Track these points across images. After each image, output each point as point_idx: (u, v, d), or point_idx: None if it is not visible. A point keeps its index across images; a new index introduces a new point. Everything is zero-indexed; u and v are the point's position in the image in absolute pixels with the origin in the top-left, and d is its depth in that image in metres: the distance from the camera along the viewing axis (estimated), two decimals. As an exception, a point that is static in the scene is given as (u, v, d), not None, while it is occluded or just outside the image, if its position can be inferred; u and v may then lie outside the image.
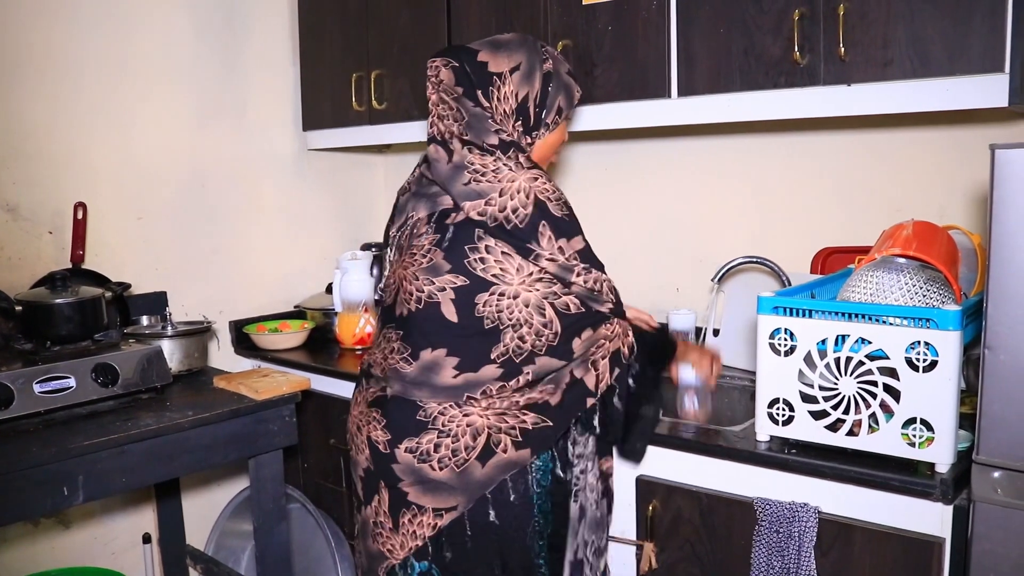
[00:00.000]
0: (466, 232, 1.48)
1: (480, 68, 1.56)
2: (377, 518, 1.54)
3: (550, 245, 1.47)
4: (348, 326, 2.57)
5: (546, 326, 1.48)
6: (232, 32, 2.64)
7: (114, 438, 1.72)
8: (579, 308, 1.51)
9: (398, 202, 1.66)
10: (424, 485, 1.48)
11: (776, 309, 1.56)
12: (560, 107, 1.63)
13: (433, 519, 1.49)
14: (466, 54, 1.58)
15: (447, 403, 1.49)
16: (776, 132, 2.20)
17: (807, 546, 1.48)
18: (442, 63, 1.58)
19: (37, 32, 2.23)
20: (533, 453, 1.52)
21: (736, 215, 2.30)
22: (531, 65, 1.59)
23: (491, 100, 1.56)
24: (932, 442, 1.41)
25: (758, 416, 1.60)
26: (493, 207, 1.46)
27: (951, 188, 1.95)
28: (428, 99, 1.60)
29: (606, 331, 1.56)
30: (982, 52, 1.52)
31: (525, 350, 1.48)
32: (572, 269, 1.49)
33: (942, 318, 1.39)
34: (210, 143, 2.62)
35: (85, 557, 2.39)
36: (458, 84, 1.56)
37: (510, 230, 1.46)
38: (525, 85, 1.58)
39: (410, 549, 1.50)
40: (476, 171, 1.49)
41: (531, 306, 1.47)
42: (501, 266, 1.47)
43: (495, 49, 1.58)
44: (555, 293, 1.49)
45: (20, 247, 2.24)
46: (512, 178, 1.48)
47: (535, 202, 1.47)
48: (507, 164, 1.50)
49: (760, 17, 1.77)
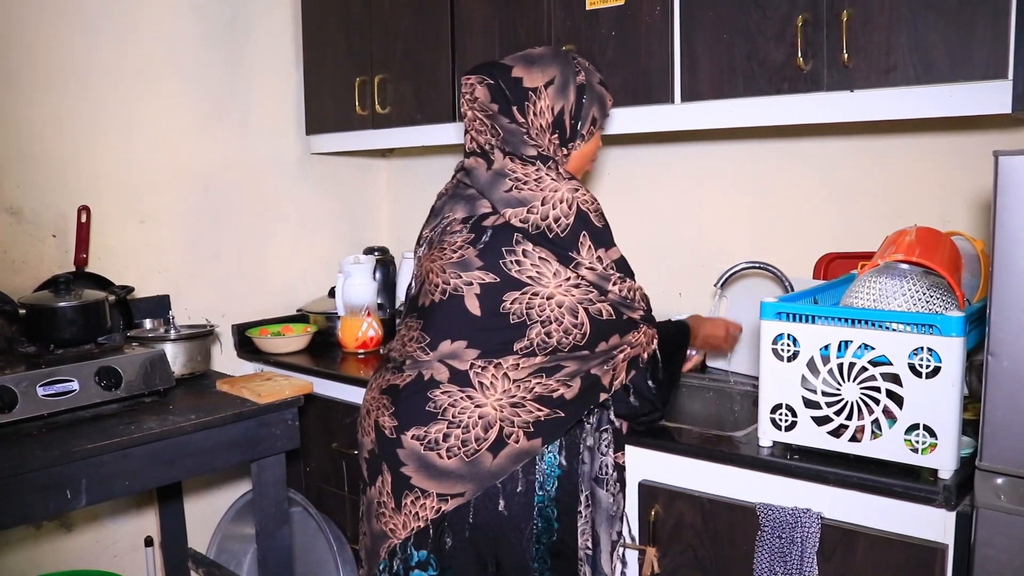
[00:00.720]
0: (504, 235, 1.51)
1: (515, 84, 1.58)
2: (380, 498, 1.55)
3: (590, 255, 1.50)
4: (351, 330, 2.57)
5: (576, 327, 1.51)
6: (236, 36, 2.65)
7: (117, 441, 1.73)
8: (611, 315, 1.54)
9: (435, 206, 1.69)
10: (428, 471, 1.49)
11: (779, 314, 1.56)
12: (594, 117, 1.65)
13: (437, 503, 1.49)
14: (500, 70, 1.60)
15: (459, 394, 1.49)
16: (779, 138, 2.20)
17: (810, 552, 1.48)
18: (476, 80, 1.60)
19: (41, 36, 2.24)
20: (544, 443, 1.53)
21: (739, 220, 2.30)
22: (565, 78, 1.60)
23: (527, 115, 1.58)
24: (935, 448, 1.41)
25: (761, 421, 1.60)
26: (535, 215, 1.49)
27: (954, 194, 1.95)
28: (463, 115, 1.62)
29: (632, 338, 1.59)
30: (985, 59, 1.52)
31: (550, 344, 1.50)
32: (609, 278, 1.52)
33: (945, 324, 1.39)
34: (213, 147, 2.62)
35: (87, 560, 2.39)
36: (493, 101, 1.58)
37: (552, 238, 1.49)
38: (560, 99, 1.60)
39: (412, 529, 1.51)
40: (518, 179, 1.52)
41: (564, 307, 1.50)
42: (538, 269, 1.49)
43: (529, 64, 1.60)
44: (591, 300, 1.51)
45: (24, 250, 2.25)
46: (555, 188, 1.51)
47: (577, 212, 1.50)
48: (548, 174, 1.53)
49: (763, 23, 1.77)
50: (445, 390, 1.50)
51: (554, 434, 1.54)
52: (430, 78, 2.39)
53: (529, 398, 1.50)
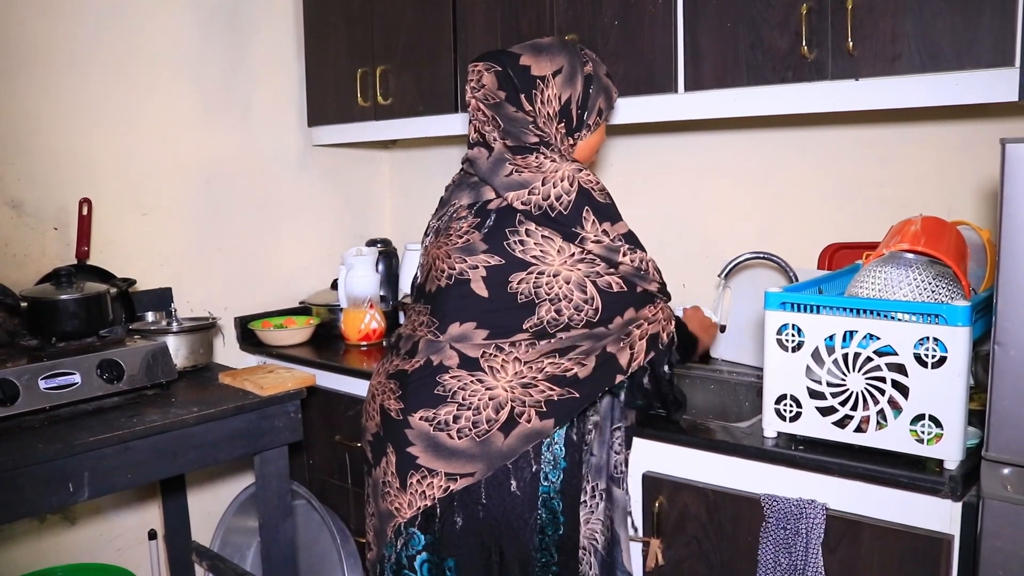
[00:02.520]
0: (508, 217, 1.50)
1: (523, 72, 1.58)
2: (385, 478, 1.55)
3: (594, 228, 1.49)
4: (353, 322, 2.57)
5: (587, 302, 1.49)
6: (237, 28, 2.64)
7: (119, 434, 1.72)
8: (622, 287, 1.52)
9: (443, 197, 1.69)
10: (437, 451, 1.49)
11: (784, 305, 1.55)
12: (600, 108, 1.66)
13: (446, 482, 1.49)
14: (508, 58, 1.60)
15: (469, 377, 1.49)
16: (783, 127, 2.18)
17: (814, 543, 1.47)
18: (484, 67, 1.59)
19: (42, 28, 2.23)
20: (557, 423, 1.52)
21: (743, 210, 2.29)
22: (572, 68, 1.60)
23: (534, 103, 1.57)
24: (941, 438, 1.40)
25: (765, 412, 1.59)
26: (536, 196, 1.48)
27: (960, 183, 1.94)
28: (468, 103, 1.61)
29: (648, 312, 1.57)
30: (991, 46, 1.51)
31: (561, 322, 1.49)
32: (618, 250, 1.50)
33: (951, 314, 1.38)
34: (215, 139, 2.61)
35: (90, 553, 2.39)
36: (501, 88, 1.57)
37: (554, 217, 1.48)
38: (568, 88, 1.60)
39: (418, 508, 1.50)
40: (517, 163, 1.51)
41: (572, 283, 1.49)
42: (541, 248, 1.48)
43: (536, 53, 1.60)
44: (598, 273, 1.50)
45: (25, 243, 2.24)
46: (555, 168, 1.50)
47: (579, 189, 1.49)
48: (550, 157, 1.52)
49: (767, 11, 1.76)
50: (455, 375, 1.50)
51: (567, 415, 1.52)
52: (432, 69, 2.38)
53: (541, 378, 1.49)
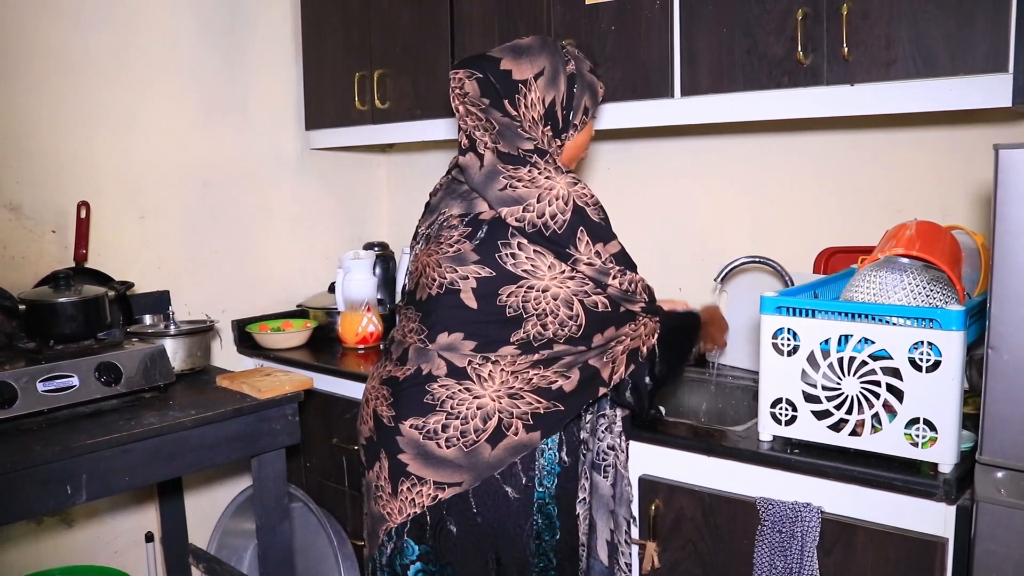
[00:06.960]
0: (500, 230, 1.49)
1: (504, 77, 1.54)
2: (378, 482, 1.56)
3: (588, 250, 1.48)
4: (351, 325, 2.57)
5: (572, 318, 1.50)
6: (235, 31, 2.65)
7: (117, 437, 1.72)
8: (607, 307, 1.53)
9: (430, 202, 1.68)
10: (426, 459, 1.49)
11: (779, 309, 1.56)
12: (586, 107, 1.62)
13: (434, 491, 1.49)
14: (488, 63, 1.56)
15: (457, 386, 1.49)
16: (779, 132, 2.19)
17: (810, 546, 1.48)
18: (465, 75, 1.55)
19: (40, 31, 2.23)
20: (543, 436, 1.52)
21: (739, 215, 2.30)
22: (555, 69, 1.57)
23: (518, 108, 1.55)
24: (935, 442, 1.41)
25: (761, 416, 1.60)
26: (531, 213, 1.47)
27: (954, 188, 1.95)
28: (455, 111, 1.58)
29: (629, 329, 1.58)
30: (986, 52, 1.52)
31: (546, 336, 1.50)
32: (608, 272, 1.50)
33: (945, 318, 1.38)
34: (213, 142, 2.62)
35: (88, 556, 2.39)
36: (484, 96, 1.54)
37: (549, 236, 1.47)
38: (551, 90, 1.56)
39: (408, 515, 1.51)
40: (511, 177, 1.49)
41: (560, 300, 1.49)
42: (533, 263, 1.48)
43: (517, 56, 1.56)
44: (586, 292, 1.50)
45: (23, 246, 2.24)
46: (550, 186, 1.48)
47: (574, 208, 1.48)
48: (544, 171, 1.50)
49: (763, 17, 1.76)
50: (443, 384, 1.50)
51: (553, 428, 1.54)
52: (429, 73, 2.39)
53: (527, 389, 1.50)
